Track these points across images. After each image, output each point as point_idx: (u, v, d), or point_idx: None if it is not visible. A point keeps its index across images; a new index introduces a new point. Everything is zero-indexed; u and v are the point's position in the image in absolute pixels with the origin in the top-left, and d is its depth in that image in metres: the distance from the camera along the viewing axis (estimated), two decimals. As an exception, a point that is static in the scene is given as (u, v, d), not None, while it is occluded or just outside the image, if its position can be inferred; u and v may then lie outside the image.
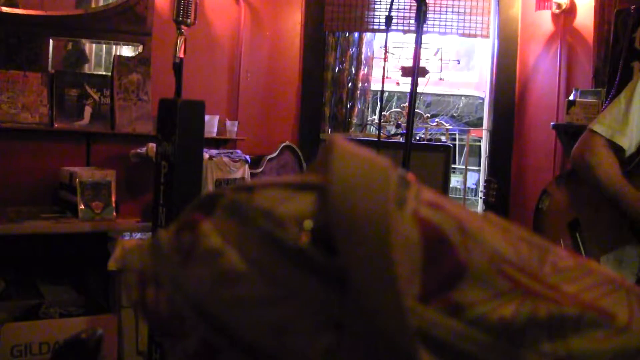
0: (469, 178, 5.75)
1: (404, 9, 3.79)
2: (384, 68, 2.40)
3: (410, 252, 0.48)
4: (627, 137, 1.87)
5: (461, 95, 7.37)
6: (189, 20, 2.59)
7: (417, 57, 2.02)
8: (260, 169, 3.50)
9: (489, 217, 0.54)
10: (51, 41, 3.19)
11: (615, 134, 1.87)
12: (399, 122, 3.91)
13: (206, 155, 3.09)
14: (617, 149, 1.88)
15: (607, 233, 1.90)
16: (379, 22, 3.82)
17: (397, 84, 4.20)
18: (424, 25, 2.02)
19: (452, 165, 4.07)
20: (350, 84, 3.96)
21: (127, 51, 3.44)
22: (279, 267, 0.48)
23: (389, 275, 0.45)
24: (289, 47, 3.86)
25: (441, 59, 4.08)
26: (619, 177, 1.86)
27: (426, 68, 3.70)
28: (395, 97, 6.67)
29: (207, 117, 2.76)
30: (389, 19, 2.31)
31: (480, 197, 3.55)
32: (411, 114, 2.06)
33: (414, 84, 2.03)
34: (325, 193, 0.48)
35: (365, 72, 4.02)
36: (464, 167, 4.84)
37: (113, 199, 2.96)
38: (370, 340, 0.46)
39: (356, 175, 0.48)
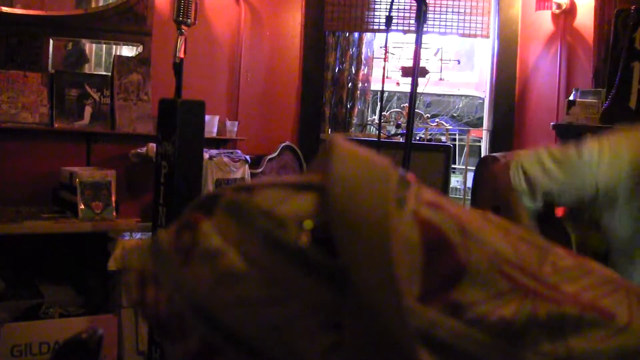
0: (469, 178, 5.74)
1: (404, 9, 3.79)
2: (384, 68, 2.40)
3: (410, 252, 0.48)
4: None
5: (461, 95, 7.37)
6: (189, 20, 2.59)
7: (417, 57, 2.02)
8: (260, 169, 3.50)
9: (489, 217, 0.54)
10: (51, 41, 3.19)
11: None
12: (399, 122, 3.91)
13: (206, 155, 3.09)
14: None
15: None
16: (379, 22, 3.82)
17: (397, 84, 4.20)
18: (424, 25, 2.03)
19: (452, 165, 4.08)
20: (350, 84, 3.97)
21: (127, 51, 3.44)
22: (279, 267, 0.48)
23: (389, 275, 0.45)
24: (289, 47, 3.86)
25: (441, 59, 4.08)
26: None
27: (426, 68, 3.71)
28: (395, 97, 6.67)
29: (207, 117, 2.76)
30: (389, 19, 2.31)
31: (480, 197, 3.54)
32: (411, 114, 2.06)
33: (414, 84, 2.03)
34: (326, 193, 0.48)
35: (365, 72, 4.03)
36: (464, 167, 4.84)
37: (113, 199, 2.96)
38: (371, 340, 0.46)
39: (356, 175, 0.48)
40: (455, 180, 6.35)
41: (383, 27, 3.78)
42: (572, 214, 1.67)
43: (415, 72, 2.02)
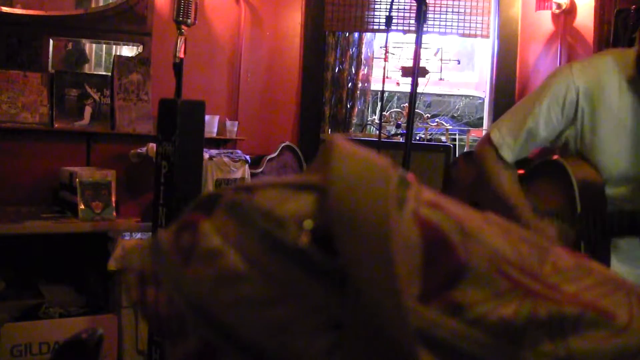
0: (469, 178, 5.72)
1: (404, 9, 3.79)
2: (384, 68, 2.40)
3: (410, 252, 0.48)
4: (515, 152, 1.69)
5: (461, 96, 7.36)
6: (189, 20, 2.59)
7: (417, 57, 2.02)
8: (260, 169, 3.50)
9: (489, 217, 0.54)
10: (51, 41, 3.19)
11: (503, 147, 1.69)
12: (399, 122, 3.91)
13: (206, 155, 3.09)
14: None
15: None
16: (379, 22, 3.82)
17: (397, 84, 4.20)
18: (424, 25, 2.02)
19: (452, 165, 4.06)
20: (350, 84, 3.96)
21: (127, 51, 3.44)
22: (279, 268, 0.48)
23: (389, 275, 0.45)
24: (289, 47, 3.86)
25: (441, 59, 4.08)
26: (515, 194, 1.69)
27: (426, 68, 3.70)
28: (395, 97, 6.67)
29: (207, 117, 2.76)
30: (389, 19, 2.31)
31: (480, 197, 3.54)
32: (411, 114, 2.05)
33: (414, 84, 2.03)
34: (326, 193, 0.48)
35: (365, 72, 4.02)
36: (464, 167, 4.82)
37: (113, 199, 2.96)
38: (371, 340, 0.46)
39: (356, 175, 0.48)
40: (455, 180, 6.33)
41: (383, 27, 3.78)
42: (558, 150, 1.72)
43: (415, 72, 2.02)
